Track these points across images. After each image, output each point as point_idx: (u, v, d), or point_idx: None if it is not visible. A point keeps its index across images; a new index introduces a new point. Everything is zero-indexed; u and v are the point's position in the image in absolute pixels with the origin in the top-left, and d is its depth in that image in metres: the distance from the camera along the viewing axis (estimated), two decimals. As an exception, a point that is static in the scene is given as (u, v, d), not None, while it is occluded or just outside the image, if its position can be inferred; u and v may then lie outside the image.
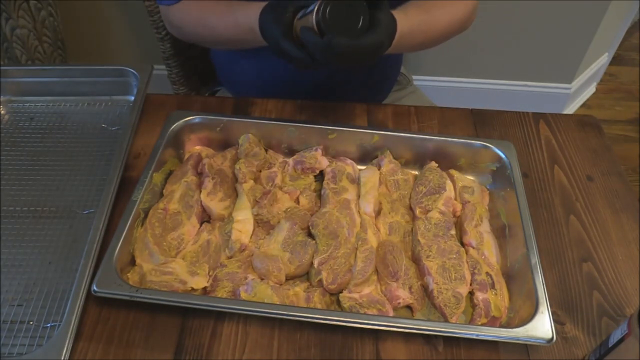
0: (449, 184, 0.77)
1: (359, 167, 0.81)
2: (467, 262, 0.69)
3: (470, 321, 0.65)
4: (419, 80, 1.84)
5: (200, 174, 0.79)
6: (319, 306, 0.65)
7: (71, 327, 0.59)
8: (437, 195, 0.75)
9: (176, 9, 0.90)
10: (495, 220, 0.75)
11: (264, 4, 0.76)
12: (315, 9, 0.65)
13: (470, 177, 0.81)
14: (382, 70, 1.04)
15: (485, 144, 0.79)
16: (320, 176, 0.80)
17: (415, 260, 0.71)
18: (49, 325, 0.64)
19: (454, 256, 0.69)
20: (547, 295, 0.62)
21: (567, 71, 1.87)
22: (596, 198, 0.80)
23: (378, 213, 0.76)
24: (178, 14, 0.91)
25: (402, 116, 0.90)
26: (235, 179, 0.78)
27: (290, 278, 0.69)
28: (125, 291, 0.61)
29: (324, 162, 0.80)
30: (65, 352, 0.58)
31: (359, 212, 0.74)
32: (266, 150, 0.82)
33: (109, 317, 0.64)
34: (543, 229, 0.75)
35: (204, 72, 1.23)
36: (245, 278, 0.67)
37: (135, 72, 0.89)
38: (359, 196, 0.76)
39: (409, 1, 0.86)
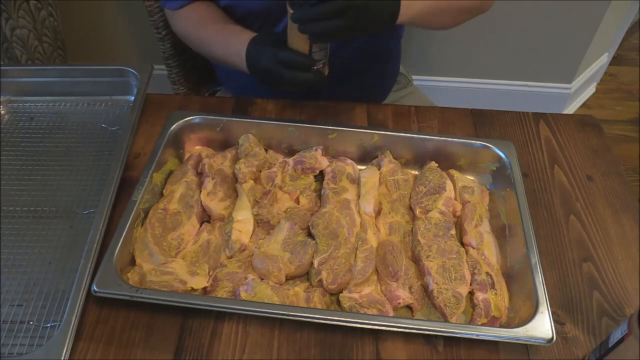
0: (449, 184, 0.77)
1: (359, 167, 0.81)
2: (467, 262, 0.69)
3: (470, 321, 0.65)
4: (418, 80, 1.84)
5: (200, 174, 0.79)
6: (319, 306, 0.65)
7: (71, 327, 0.59)
8: (437, 195, 0.75)
9: (178, 15, 0.94)
10: (495, 220, 0.75)
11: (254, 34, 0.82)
12: None
13: (470, 177, 0.81)
14: (381, 69, 1.04)
15: (485, 144, 0.79)
16: (320, 176, 0.80)
17: (415, 260, 0.71)
18: (49, 325, 0.64)
19: (454, 256, 0.69)
20: (547, 295, 0.62)
21: (567, 71, 1.87)
22: (596, 198, 0.79)
23: (378, 213, 0.76)
24: (179, 21, 0.95)
25: (402, 116, 0.90)
26: (235, 179, 0.78)
27: (290, 278, 0.69)
28: (125, 291, 0.61)
29: (324, 162, 0.80)
30: (65, 352, 0.58)
31: (359, 212, 0.74)
32: (266, 150, 0.82)
33: (109, 317, 0.64)
34: (543, 229, 0.75)
35: (204, 72, 1.23)
36: (245, 278, 0.67)
37: (135, 72, 0.89)
38: (359, 196, 0.76)
39: None
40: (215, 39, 0.89)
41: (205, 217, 0.76)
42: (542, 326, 0.59)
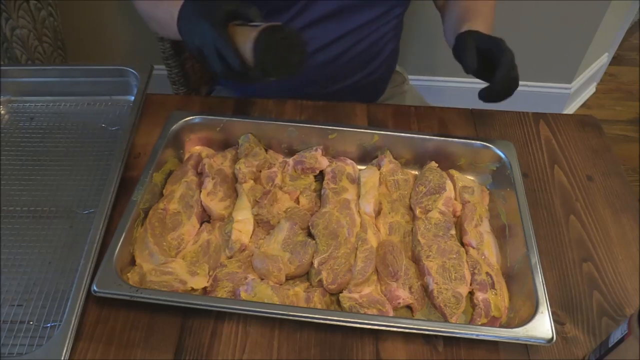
0: (449, 184, 0.77)
1: (359, 167, 0.81)
2: (467, 262, 0.69)
3: (470, 321, 0.65)
4: (418, 80, 1.84)
5: (200, 174, 0.79)
6: (319, 306, 0.65)
7: (71, 327, 0.59)
8: (437, 195, 0.75)
9: None
10: (495, 220, 0.75)
11: None
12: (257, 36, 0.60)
13: (470, 177, 0.81)
14: (380, 69, 1.04)
15: (485, 144, 0.79)
16: (320, 176, 0.80)
17: (415, 260, 0.71)
18: (49, 325, 0.64)
19: (454, 256, 0.69)
20: (547, 295, 0.62)
21: (567, 71, 1.87)
22: (596, 198, 0.79)
23: (378, 213, 0.76)
24: None
25: (402, 116, 0.90)
26: (235, 179, 0.78)
27: (290, 278, 0.69)
28: (125, 291, 0.61)
29: (324, 162, 0.80)
30: (65, 352, 0.58)
31: (359, 212, 0.74)
32: (266, 150, 0.82)
33: (109, 317, 0.64)
34: (543, 229, 0.75)
35: (203, 72, 1.23)
36: (245, 278, 0.67)
37: (135, 72, 0.89)
38: (359, 196, 0.76)
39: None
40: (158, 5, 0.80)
41: (205, 217, 0.76)
42: (542, 326, 0.59)
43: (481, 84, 0.74)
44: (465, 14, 0.88)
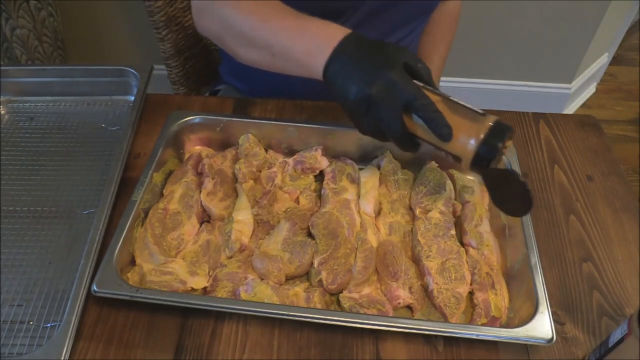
0: (449, 184, 0.77)
1: (359, 167, 0.81)
2: (467, 262, 0.69)
3: (470, 321, 0.65)
4: (419, 80, 1.84)
5: (200, 174, 0.79)
6: (319, 306, 0.65)
7: (71, 327, 0.59)
8: (437, 195, 0.75)
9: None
10: (495, 220, 0.75)
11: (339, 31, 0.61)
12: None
13: (470, 177, 0.81)
14: None
15: (485, 144, 0.79)
16: (320, 176, 0.80)
17: (415, 260, 0.71)
18: (49, 325, 0.64)
19: (454, 256, 0.69)
20: (547, 295, 0.62)
21: (567, 71, 1.87)
22: (596, 198, 0.79)
23: (378, 213, 0.76)
24: (227, 5, 0.71)
25: (402, 116, 0.90)
26: (235, 179, 0.78)
27: (290, 278, 0.69)
28: (125, 291, 0.61)
29: (324, 162, 0.80)
30: (65, 352, 0.58)
31: (359, 212, 0.74)
32: (266, 150, 0.82)
33: (109, 317, 0.64)
34: (543, 229, 0.75)
35: (204, 72, 1.23)
36: (245, 278, 0.67)
37: (135, 72, 0.89)
38: (359, 196, 0.76)
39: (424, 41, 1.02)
40: (284, 28, 0.67)
41: (205, 217, 0.76)
42: (542, 326, 0.59)
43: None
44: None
